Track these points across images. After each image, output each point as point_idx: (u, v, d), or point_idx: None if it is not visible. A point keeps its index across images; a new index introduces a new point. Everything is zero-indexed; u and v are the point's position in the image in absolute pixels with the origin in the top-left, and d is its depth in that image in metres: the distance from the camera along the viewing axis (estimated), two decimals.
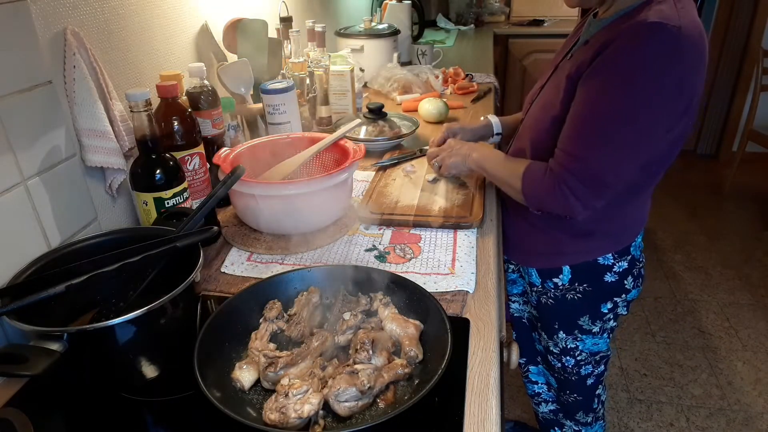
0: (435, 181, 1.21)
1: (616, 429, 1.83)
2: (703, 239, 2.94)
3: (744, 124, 3.38)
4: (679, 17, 0.80)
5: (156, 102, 0.95)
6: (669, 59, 0.80)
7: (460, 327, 0.76)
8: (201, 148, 1.02)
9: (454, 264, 0.92)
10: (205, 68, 1.05)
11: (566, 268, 1.09)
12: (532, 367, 1.40)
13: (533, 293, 1.19)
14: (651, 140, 0.86)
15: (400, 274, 0.79)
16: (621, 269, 1.08)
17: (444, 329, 0.67)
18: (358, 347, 0.68)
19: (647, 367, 2.09)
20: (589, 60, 0.87)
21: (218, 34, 1.33)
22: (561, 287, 1.11)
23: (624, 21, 0.86)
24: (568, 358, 1.20)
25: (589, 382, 1.24)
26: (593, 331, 1.15)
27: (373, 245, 0.99)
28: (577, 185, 0.88)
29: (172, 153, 0.92)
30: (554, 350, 1.22)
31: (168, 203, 0.89)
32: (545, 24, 3.81)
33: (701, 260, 2.75)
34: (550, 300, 1.15)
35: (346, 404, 0.61)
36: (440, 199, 1.13)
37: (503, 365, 0.81)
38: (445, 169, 1.16)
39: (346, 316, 0.74)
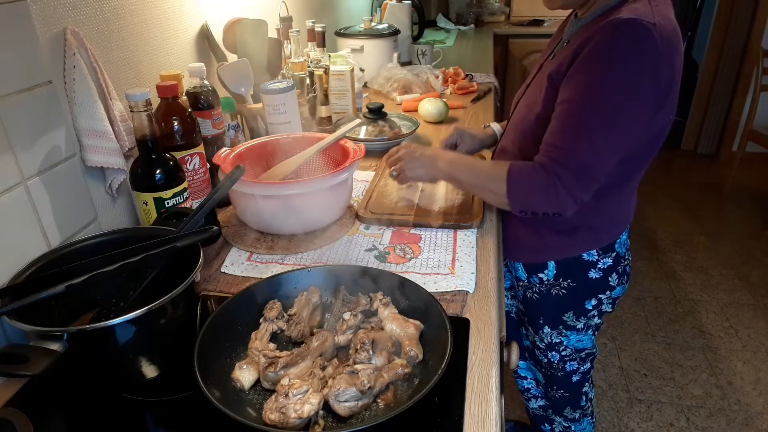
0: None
1: (616, 429, 1.83)
2: (703, 239, 2.94)
3: (744, 124, 3.38)
4: (653, 15, 0.83)
5: (156, 102, 0.95)
6: (644, 53, 0.82)
7: (460, 327, 0.76)
8: (201, 148, 1.02)
9: (454, 264, 0.92)
10: (205, 68, 1.05)
11: (551, 264, 1.10)
12: (521, 362, 1.40)
13: (519, 288, 1.20)
14: (632, 130, 0.88)
15: (400, 274, 0.79)
16: (605, 266, 1.08)
17: (444, 329, 0.67)
18: (358, 347, 0.68)
19: (647, 367, 2.09)
20: (569, 59, 0.89)
21: (218, 34, 1.33)
22: (546, 282, 1.12)
23: (600, 20, 0.89)
24: (553, 353, 1.22)
25: (575, 379, 1.25)
26: (577, 327, 1.16)
27: (373, 245, 0.99)
28: (568, 176, 0.88)
29: (172, 153, 0.92)
30: (540, 345, 1.23)
31: (168, 203, 0.89)
32: (545, 24, 3.81)
33: (701, 260, 2.75)
34: (536, 295, 1.16)
35: (346, 404, 0.61)
36: (440, 199, 1.13)
37: (503, 365, 0.81)
38: (403, 179, 1.07)
39: (346, 316, 0.74)
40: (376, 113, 1.46)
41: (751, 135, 3.18)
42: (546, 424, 1.42)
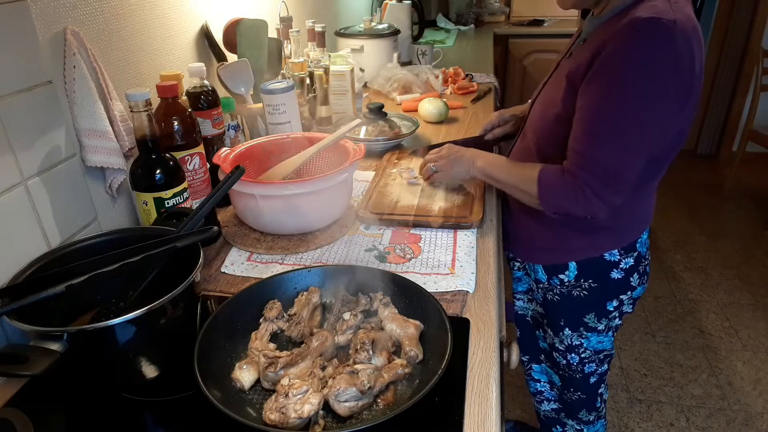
0: None
1: (616, 429, 1.83)
2: (703, 239, 2.94)
3: (744, 124, 3.38)
4: (673, 11, 0.82)
5: (156, 102, 0.95)
6: (664, 52, 0.81)
7: (460, 327, 0.76)
8: (201, 148, 1.02)
9: (454, 264, 0.92)
10: (205, 68, 1.05)
11: (572, 264, 1.09)
12: (534, 366, 1.40)
13: (539, 290, 1.19)
14: (657, 131, 0.87)
15: (400, 274, 0.79)
16: (627, 266, 1.08)
17: (444, 329, 0.67)
18: (358, 347, 0.68)
19: (647, 367, 2.09)
20: (588, 59, 0.88)
21: (218, 34, 1.33)
22: (567, 283, 1.11)
23: (619, 18, 0.87)
24: (573, 355, 1.21)
25: (592, 380, 1.25)
26: (598, 328, 1.15)
27: (373, 245, 0.99)
28: (598, 184, 0.88)
29: (172, 153, 0.92)
30: (560, 347, 1.22)
31: (168, 203, 0.89)
32: (545, 24, 3.81)
33: (701, 260, 2.75)
34: (556, 296, 1.15)
35: (346, 404, 0.61)
36: (440, 199, 1.13)
37: (503, 365, 0.81)
38: (444, 176, 1.14)
39: (346, 316, 0.74)
40: (376, 113, 1.46)
41: (751, 135, 3.18)
42: (557, 427, 1.42)
